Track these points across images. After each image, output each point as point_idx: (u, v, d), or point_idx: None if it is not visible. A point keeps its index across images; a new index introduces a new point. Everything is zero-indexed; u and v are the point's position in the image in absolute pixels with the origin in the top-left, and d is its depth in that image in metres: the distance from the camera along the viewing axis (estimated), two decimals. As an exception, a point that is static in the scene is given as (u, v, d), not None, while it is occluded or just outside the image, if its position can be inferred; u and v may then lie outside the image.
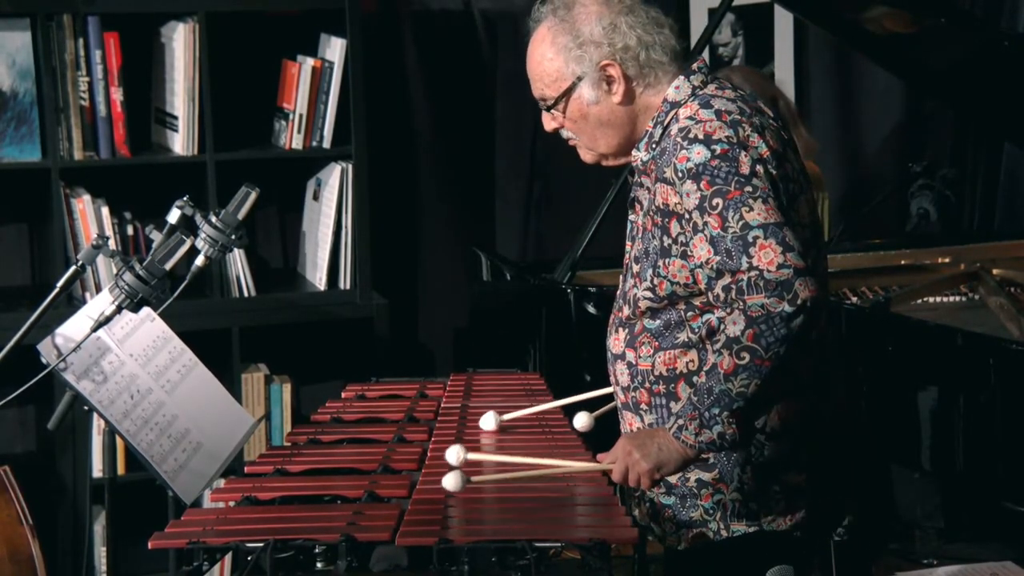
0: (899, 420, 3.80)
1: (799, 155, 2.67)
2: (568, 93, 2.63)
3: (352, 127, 4.43)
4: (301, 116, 4.44)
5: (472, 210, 5.09)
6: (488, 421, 3.01)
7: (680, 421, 2.52)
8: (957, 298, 4.34)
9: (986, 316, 4.14)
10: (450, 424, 3.10)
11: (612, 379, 2.77)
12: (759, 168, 2.50)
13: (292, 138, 4.45)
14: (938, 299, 4.31)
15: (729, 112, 2.56)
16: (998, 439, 3.59)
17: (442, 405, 3.28)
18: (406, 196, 5.00)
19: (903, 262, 4.59)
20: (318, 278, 4.55)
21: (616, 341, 2.73)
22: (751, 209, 2.47)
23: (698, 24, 5.06)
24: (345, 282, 4.51)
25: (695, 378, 2.60)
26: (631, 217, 2.74)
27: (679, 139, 2.54)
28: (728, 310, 2.49)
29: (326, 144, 4.46)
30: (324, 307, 4.52)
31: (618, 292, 2.77)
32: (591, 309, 4.06)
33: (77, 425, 4.22)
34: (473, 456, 2.71)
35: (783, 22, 5.26)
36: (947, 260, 4.58)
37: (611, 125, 2.65)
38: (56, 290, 2.86)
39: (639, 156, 2.67)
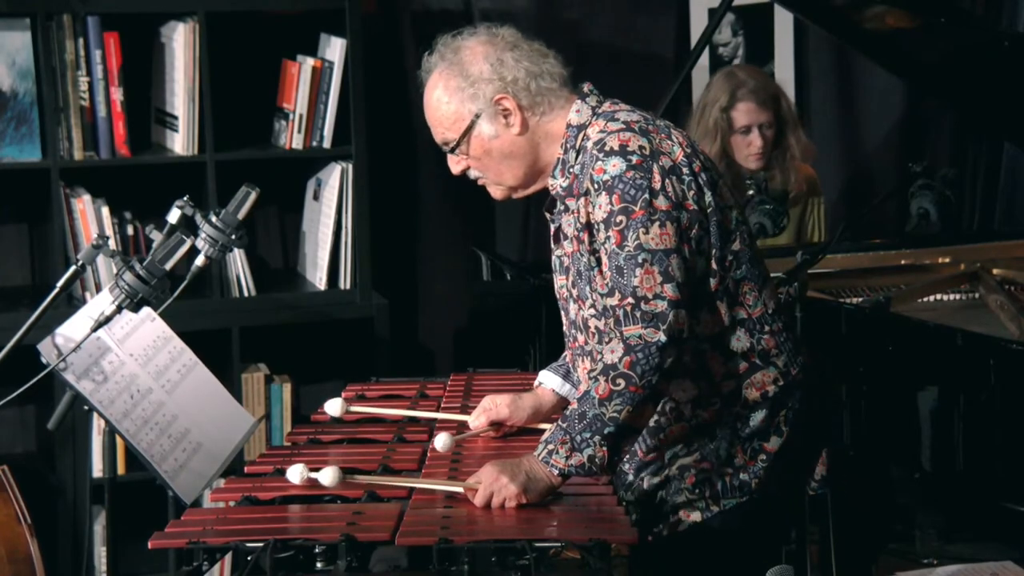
0: (899, 420, 3.79)
1: (701, 148, 2.78)
2: (468, 132, 2.74)
3: (352, 127, 4.43)
4: (301, 116, 4.44)
5: (472, 210, 5.09)
6: (441, 442, 2.89)
7: (550, 446, 2.60)
8: (957, 298, 4.34)
9: (986, 316, 4.13)
10: (450, 424, 3.10)
11: None
12: (668, 181, 2.61)
13: (292, 138, 4.45)
14: (938, 299, 4.30)
15: (635, 120, 2.68)
16: (998, 439, 3.59)
17: (442, 405, 3.27)
18: (406, 196, 5.00)
19: (903, 262, 4.59)
20: (318, 278, 4.55)
21: (583, 371, 2.81)
22: (647, 231, 2.58)
23: (698, 24, 5.06)
24: (345, 282, 4.51)
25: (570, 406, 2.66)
26: (556, 252, 2.83)
27: (595, 152, 2.65)
28: (607, 338, 2.61)
29: (326, 144, 4.46)
30: (324, 307, 4.52)
31: (564, 327, 2.87)
32: (591, 309, 4.06)
33: (77, 425, 4.22)
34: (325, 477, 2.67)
35: (783, 22, 5.26)
36: (947, 260, 4.57)
37: (514, 156, 2.75)
38: (56, 290, 2.86)
39: (556, 184, 2.76)
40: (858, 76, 5.36)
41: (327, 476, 2.64)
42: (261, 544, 2.39)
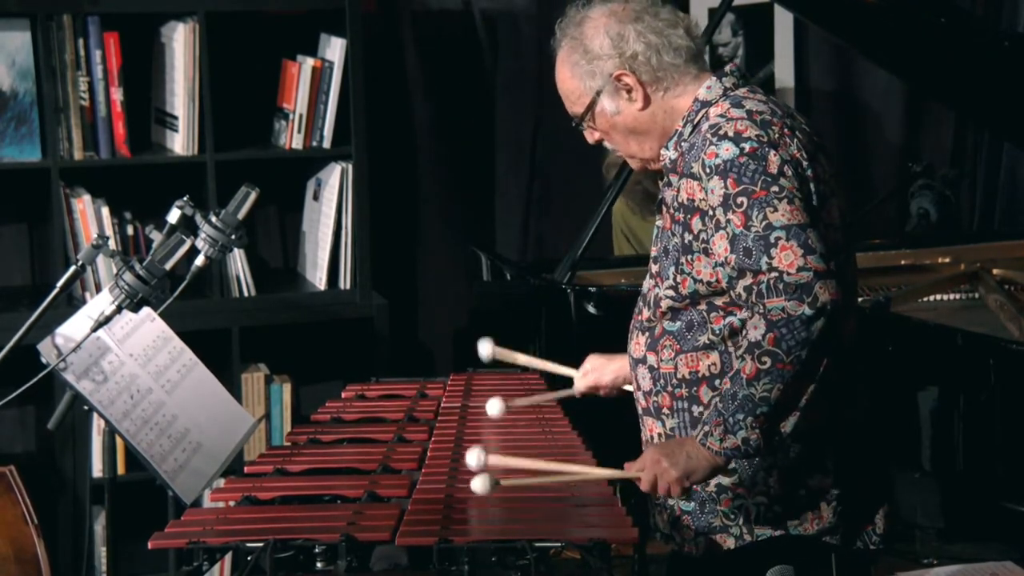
0: (899, 420, 3.79)
1: (831, 160, 2.66)
2: (591, 108, 2.67)
3: (352, 127, 4.43)
4: (301, 116, 4.44)
5: (472, 210, 5.10)
6: (494, 407, 2.97)
7: (706, 428, 2.51)
8: (957, 298, 4.34)
9: (986, 316, 4.14)
10: (450, 424, 3.10)
11: (634, 384, 2.76)
12: (787, 168, 2.50)
13: (292, 138, 4.45)
14: (938, 299, 4.31)
15: (760, 112, 2.57)
16: (998, 439, 3.59)
17: (442, 405, 3.28)
18: (406, 196, 5.00)
19: (903, 262, 4.59)
20: (318, 278, 4.55)
21: (637, 345, 2.72)
22: (775, 209, 2.46)
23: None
24: (345, 282, 4.51)
25: (717, 381, 2.60)
26: (657, 221, 2.74)
27: (709, 135, 2.55)
28: (750, 314, 2.50)
29: (326, 144, 4.46)
30: (324, 307, 4.52)
31: (639, 296, 2.77)
32: (591, 309, 4.06)
33: (77, 425, 4.22)
34: (495, 460, 2.61)
35: (783, 22, 5.26)
36: (947, 260, 4.58)
37: (639, 132, 2.67)
38: (56, 290, 2.86)
39: (667, 155, 2.67)
40: (858, 76, 5.36)
41: (479, 485, 2.51)
42: (261, 544, 2.39)
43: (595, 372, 3.01)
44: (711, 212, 2.53)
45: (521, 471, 2.60)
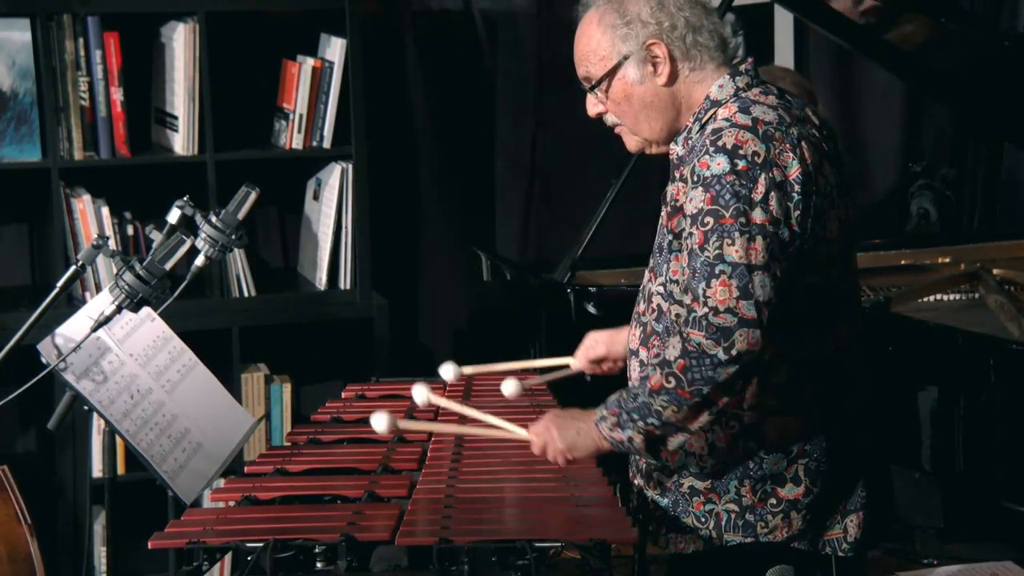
0: (899, 420, 3.80)
1: (841, 167, 2.64)
2: (613, 72, 2.63)
3: (352, 127, 4.42)
4: (301, 116, 4.44)
5: (472, 210, 5.09)
6: (447, 372, 3.10)
7: (604, 412, 2.58)
8: (957, 298, 4.34)
9: (986, 316, 4.13)
10: (450, 424, 3.09)
11: (628, 373, 2.78)
12: (772, 196, 2.48)
13: (292, 138, 4.45)
14: (938, 299, 4.30)
15: (766, 122, 2.54)
16: (998, 439, 3.59)
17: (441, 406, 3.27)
18: (406, 196, 5.00)
19: (903, 262, 4.59)
20: (318, 278, 4.55)
21: (633, 337, 2.75)
22: (732, 243, 2.46)
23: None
24: (345, 282, 4.51)
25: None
26: (662, 215, 2.75)
27: (708, 141, 2.53)
28: (674, 329, 2.56)
29: (326, 144, 4.46)
30: (324, 307, 4.52)
31: (641, 286, 2.78)
32: (591, 309, 4.06)
33: (77, 425, 4.22)
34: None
35: (783, 22, 5.26)
36: (947, 260, 4.58)
37: (654, 108, 2.64)
38: (56, 290, 2.86)
39: (675, 150, 2.67)
40: (858, 76, 5.36)
41: (380, 422, 2.71)
42: (261, 544, 2.39)
43: (602, 344, 2.99)
44: (686, 219, 2.54)
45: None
